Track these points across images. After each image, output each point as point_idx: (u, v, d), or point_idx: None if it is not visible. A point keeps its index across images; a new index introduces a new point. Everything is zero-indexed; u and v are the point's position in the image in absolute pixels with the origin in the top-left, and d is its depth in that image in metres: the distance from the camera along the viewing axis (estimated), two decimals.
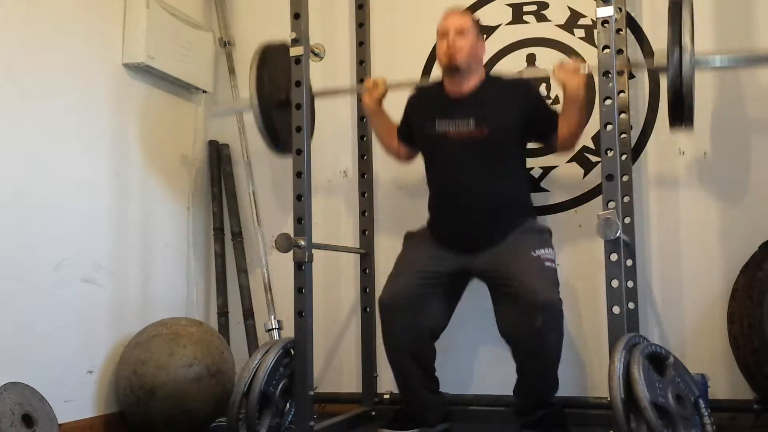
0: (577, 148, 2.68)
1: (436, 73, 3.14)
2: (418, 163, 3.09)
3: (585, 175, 2.96)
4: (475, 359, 2.98)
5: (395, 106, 2.78)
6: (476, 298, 2.63)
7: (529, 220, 2.57)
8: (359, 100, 3.14)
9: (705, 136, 2.82)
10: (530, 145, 2.99)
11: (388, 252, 3.03)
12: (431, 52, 3.19)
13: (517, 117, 2.51)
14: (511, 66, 3.08)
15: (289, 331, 2.58)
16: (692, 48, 2.21)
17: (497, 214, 2.50)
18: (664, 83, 2.88)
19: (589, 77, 2.49)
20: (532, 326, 2.31)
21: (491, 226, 2.50)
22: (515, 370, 2.49)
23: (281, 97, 2.63)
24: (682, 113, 2.28)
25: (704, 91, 2.84)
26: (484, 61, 2.67)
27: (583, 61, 2.45)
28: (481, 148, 2.50)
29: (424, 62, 3.20)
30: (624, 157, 2.76)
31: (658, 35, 2.90)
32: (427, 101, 2.68)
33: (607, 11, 2.23)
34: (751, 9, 2.81)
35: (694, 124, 2.85)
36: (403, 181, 3.11)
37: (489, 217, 2.50)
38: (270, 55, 2.69)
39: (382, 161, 3.18)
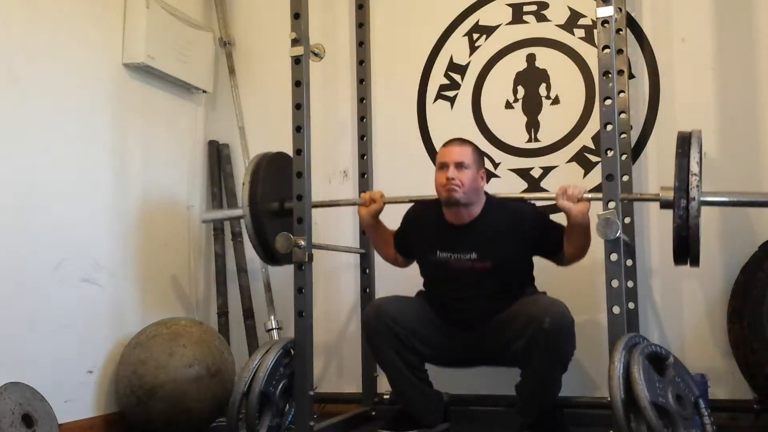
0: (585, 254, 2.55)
1: (434, 83, 3.17)
2: (418, 163, 3.10)
3: (585, 175, 2.96)
4: None
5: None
6: None
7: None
8: (359, 101, 3.15)
9: (705, 136, 2.81)
10: (530, 145, 3.01)
11: None
12: (431, 52, 3.20)
13: (520, 248, 2.48)
14: (511, 65, 3.09)
15: (289, 331, 2.58)
16: (699, 193, 2.12)
17: (501, 309, 2.48)
18: (664, 82, 2.90)
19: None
20: (540, 327, 2.28)
21: (493, 331, 2.48)
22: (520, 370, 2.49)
23: (274, 207, 2.61)
24: (688, 254, 2.21)
25: (704, 90, 2.84)
26: (484, 191, 2.56)
27: (585, 189, 2.40)
28: (484, 278, 2.48)
29: (424, 62, 3.20)
30: (624, 157, 2.76)
31: (658, 35, 2.91)
32: (427, 227, 2.60)
33: (607, 11, 2.23)
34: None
35: (695, 124, 2.86)
36: (404, 181, 3.11)
37: (489, 324, 2.48)
38: (263, 166, 2.64)
39: (382, 161, 3.18)
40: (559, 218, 2.50)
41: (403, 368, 2.49)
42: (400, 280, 2.77)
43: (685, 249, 2.19)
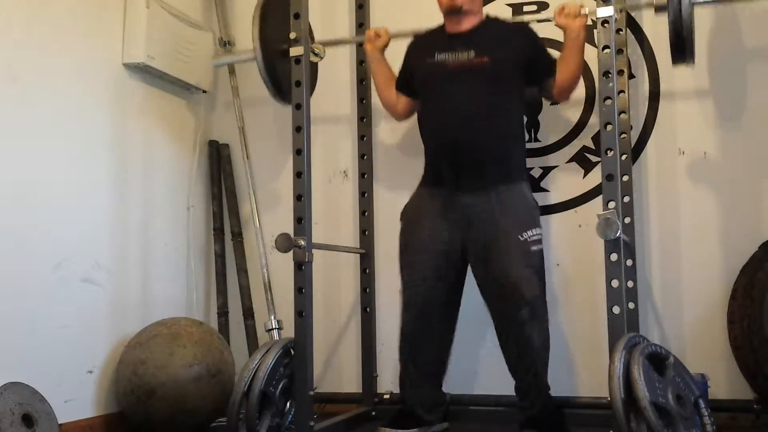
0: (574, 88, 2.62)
1: None
2: (418, 162, 3.09)
3: (585, 175, 2.96)
4: (476, 359, 2.99)
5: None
6: (477, 298, 2.62)
7: (523, 185, 2.54)
8: (360, 100, 3.15)
9: (705, 136, 2.82)
10: (530, 145, 3.01)
11: (388, 252, 3.03)
12: None
13: (517, 52, 2.54)
14: None
15: (289, 331, 2.58)
16: None
17: (493, 145, 2.49)
18: (664, 82, 2.90)
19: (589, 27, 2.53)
20: (517, 319, 2.36)
21: (486, 157, 2.48)
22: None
23: (284, 47, 2.64)
24: (684, 50, 2.37)
25: (705, 90, 2.84)
26: None
27: (582, 5, 2.46)
28: (481, 76, 2.51)
29: None
30: (624, 157, 2.76)
31: (658, 35, 2.91)
32: (427, 41, 2.69)
33: (607, 11, 2.23)
34: None
35: (695, 124, 2.86)
36: (404, 181, 3.11)
37: (484, 144, 2.48)
38: (272, 6, 2.70)
39: (382, 161, 3.18)
40: None
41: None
42: (400, 281, 2.77)
43: (682, 48, 2.37)
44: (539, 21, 2.72)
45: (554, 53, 2.63)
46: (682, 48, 2.39)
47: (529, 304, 2.36)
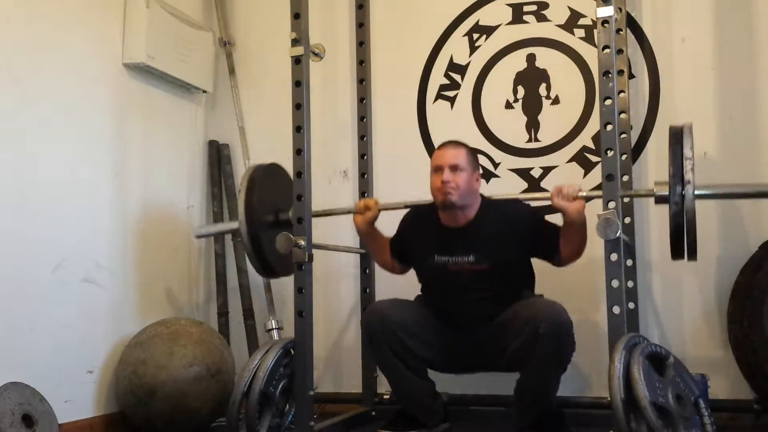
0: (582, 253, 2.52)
1: (434, 83, 3.17)
2: (419, 163, 3.10)
3: (585, 175, 2.96)
4: None
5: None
6: None
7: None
8: (360, 101, 3.15)
9: (705, 136, 2.82)
10: (530, 145, 3.01)
11: None
12: (431, 52, 3.20)
13: (517, 249, 2.48)
14: (511, 65, 3.09)
15: (289, 331, 2.58)
16: (693, 182, 2.12)
17: (495, 324, 2.48)
18: (664, 82, 2.90)
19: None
20: (535, 332, 2.28)
21: (491, 334, 2.48)
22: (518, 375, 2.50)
23: (269, 219, 2.61)
24: (684, 247, 2.20)
25: (704, 90, 2.84)
26: (479, 194, 2.56)
27: (580, 188, 2.38)
28: (482, 280, 2.48)
29: (424, 62, 3.20)
30: (624, 157, 2.76)
31: (658, 35, 2.91)
32: (424, 231, 2.60)
33: (607, 11, 2.23)
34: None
35: (694, 123, 2.86)
36: (403, 181, 3.11)
37: (488, 328, 2.48)
38: (259, 178, 2.63)
39: (382, 161, 3.18)
40: (555, 220, 2.49)
41: (404, 369, 2.49)
42: (400, 281, 2.77)
43: (682, 243, 2.18)
44: (538, 200, 2.65)
45: None
46: (682, 244, 2.19)
47: (547, 316, 2.30)
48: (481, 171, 2.60)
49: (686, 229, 2.14)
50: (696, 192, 2.12)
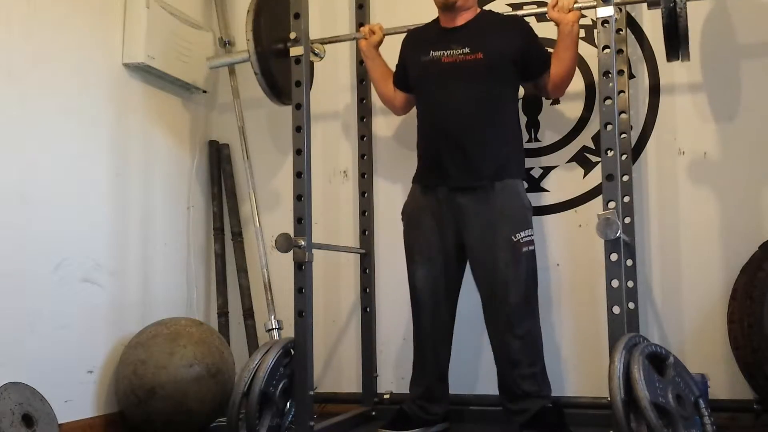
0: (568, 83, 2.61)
1: None
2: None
3: (585, 175, 2.96)
4: (476, 359, 2.98)
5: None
6: (476, 299, 2.62)
7: (519, 184, 2.55)
8: (359, 101, 3.15)
9: (705, 136, 2.82)
10: (530, 145, 3.01)
11: (388, 252, 3.04)
12: None
13: (511, 47, 2.53)
14: None
15: (289, 331, 2.58)
16: None
17: (488, 140, 2.50)
18: (664, 82, 2.90)
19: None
20: (505, 322, 2.42)
21: (481, 152, 2.49)
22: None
23: (279, 46, 2.64)
24: (678, 44, 2.34)
25: (706, 90, 2.84)
26: None
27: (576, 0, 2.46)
28: (475, 72, 2.52)
29: None
30: (624, 157, 2.75)
31: (658, 35, 2.90)
32: (422, 36, 2.70)
33: (607, 11, 2.23)
34: None
35: (694, 124, 2.86)
36: (404, 181, 3.11)
37: (480, 139, 2.50)
38: (266, 4, 2.68)
39: (382, 161, 3.18)
40: None
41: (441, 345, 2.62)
42: (400, 280, 2.76)
43: (676, 43, 2.33)
44: (533, 14, 2.75)
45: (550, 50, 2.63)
46: (676, 43, 2.37)
47: (521, 311, 2.44)
48: None
49: (678, 29, 2.27)
50: None
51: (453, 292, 2.62)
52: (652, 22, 2.91)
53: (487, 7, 3.11)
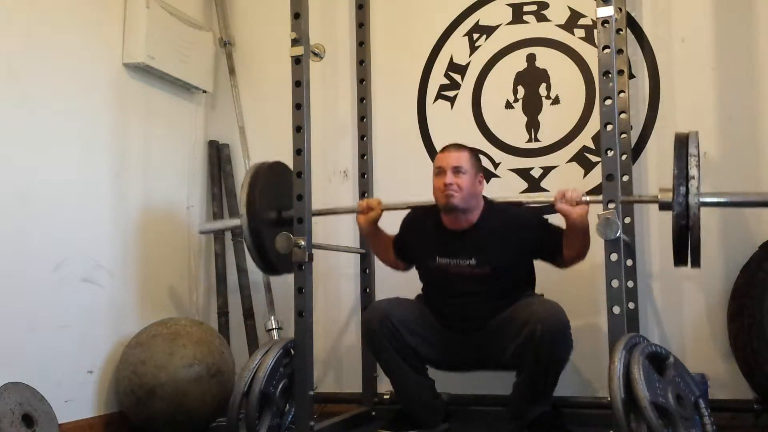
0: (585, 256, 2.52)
1: (435, 83, 3.17)
2: (419, 163, 3.10)
3: (585, 175, 2.96)
4: None
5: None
6: None
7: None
8: (360, 101, 3.15)
9: (705, 136, 2.81)
10: (530, 145, 3.01)
11: None
12: (431, 52, 3.20)
13: (519, 253, 2.48)
14: (511, 65, 3.08)
15: (289, 331, 2.58)
16: (699, 187, 2.09)
17: (497, 323, 2.48)
18: (664, 82, 2.90)
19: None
20: (532, 335, 2.28)
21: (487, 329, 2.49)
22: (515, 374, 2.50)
23: (272, 216, 2.61)
24: (687, 251, 2.17)
25: (704, 90, 2.84)
26: (481, 196, 2.55)
27: (584, 193, 2.37)
28: (483, 283, 2.48)
29: (424, 62, 3.20)
30: (624, 157, 2.76)
31: (658, 35, 2.91)
32: (425, 233, 2.59)
33: (607, 11, 2.23)
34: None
35: (694, 123, 2.85)
36: (404, 182, 3.11)
37: (487, 328, 2.48)
38: (262, 175, 2.64)
39: (382, 161, 3.18)
40: (557, 221, 2.49)
41: (404, 366, 2.50)
42: (401, 281, 2.77)
43: (685, 250, 2.16)
44: (541, 205, 2.65)
45: None
46: (685, 251, 2.18)
47: (545, 318, 2.30)
48: (483, 174, 2.59)
49: (690, 237, 2.11)
50: (701, 200, 2.09)
51: None
52: (652, 22, 2.91)
53: (489, 9, 3.12)
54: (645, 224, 2.86)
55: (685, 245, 2.15)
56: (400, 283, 2.77)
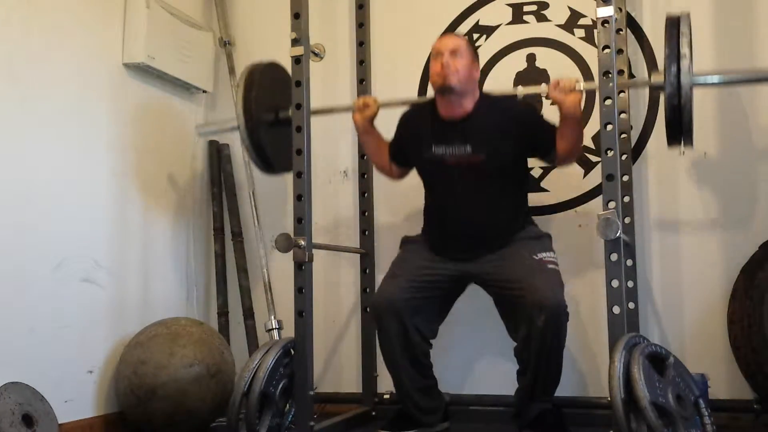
0: (578, 155, 2.63)
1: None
2: None
3: (585, 175, 2.96)
4: (475, 359, 2.98)
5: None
6: (476, 298, 2.63)
7: (527, 228, 2.56)
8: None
9: (705, 136, 2.82)
10: None
11: (388, 252, 3.03)
12: (431, 53, 3.19)
13: (514, 142, 2.49)
14: (511, 65, 3.09)
15: (289, 331, 2.58)
16: (691, 66, 2.16)
17: (496, 231, 2.50)
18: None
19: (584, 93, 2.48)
20: (534, 325, 2.30)
21: (490, 241, 2.50)
22: (517, 371, 2.50)
23: (269, 117, 2.62)
24: (680, 132, 2.25)
25: (706, 90, 2.84)
26: (478, 84, 2.59)
27: (578, 80, 2.41)
28: (479, 173, 2.49)
29: (425, 62, 3.20)
30: (624, 157, 2.76)
31: (658, 35, 2.91)
32: (421, 124, 2.61)
33: (607, 11, 2.23)
34: (752, 25, 2.79)
35: (694, 123, 2.85)
36: (404, 181, 3.11)
37: (488, 234, 2.50)
38: (257, 76, 2.65)
39: None
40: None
41: (411, 371, 2.51)
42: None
43: (678, 131, 2.24)
44: (533, 94, 2.65)
45: None
46: (678, 134, 2.27)
47: (549, 307, 2.31)
48: (480, 66, 2.63)
49: (682, 117, 2.19)
50: (694, 79, 2.17)
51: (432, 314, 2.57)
52: (652, 22, 2.91)
53: (488, 9, 3.12)
54: (645, 224, 2.86)
55: (678, 126, 2.22)
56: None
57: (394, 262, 2.65)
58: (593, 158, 2.93)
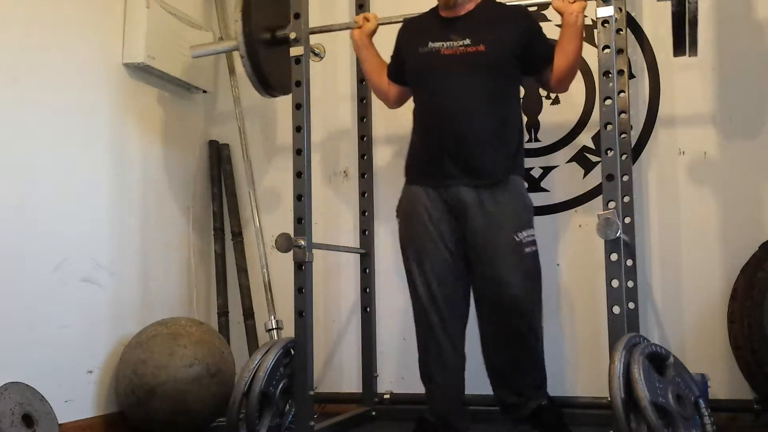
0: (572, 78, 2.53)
1: None
2: None
3: (585, 175, 2.96)
4: (475, 359, 2.98)
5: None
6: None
7: (519, 181, 2.46)
8: (360, 100, 3.14)
9: (705, 137, 2.82)
10: (530, 145, 3.00)
11: (388, 252, 3.04)
12: None
13: (514, 40, 2.41)
14: None
15: (289, 331, 2.58)
16: None
17: (486, 137, 2.39)
18: (664, 82, 2.90)
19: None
20: (503, 321, 2.33)
21: (483, 148, 2.39)
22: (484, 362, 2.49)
23: (267, 36, 2.61)
24: (685, 38, 2.27)
25: (704, 90, 2.84)
26: None
27: None
28: (477, 65, 2.40)
29: None
30: (624, 157, 2.75)
31: (658, 35, 2.91)
32: (419, 26, 2.57)
33: (607, 11, 2.23)
34: None
35: (694, 123, 2.86)
36: (403, 181, 3.11)
37: (481, 135, 2.39)
38: None
39: (382, 161, 3.18)
40: None
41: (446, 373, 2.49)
42: (400, 280, 2.76)
43: (683, 40, 2.27)
44: (537, 4, 2.68)
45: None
46: (683, 34, 2.31)
47: (525, 316, 2.33)
48: None
49: (688, 25, 2.21)
50: None
51: (460, 288, 2.46)
52: (652, 22, 2.91)
53: None
54: (645, 224, 2.86)
55: (683, 34, 2.25)
56: (400, 283, 2.77)
57: (402, 243, 2.52)
58: (593, 158, 2.94)
